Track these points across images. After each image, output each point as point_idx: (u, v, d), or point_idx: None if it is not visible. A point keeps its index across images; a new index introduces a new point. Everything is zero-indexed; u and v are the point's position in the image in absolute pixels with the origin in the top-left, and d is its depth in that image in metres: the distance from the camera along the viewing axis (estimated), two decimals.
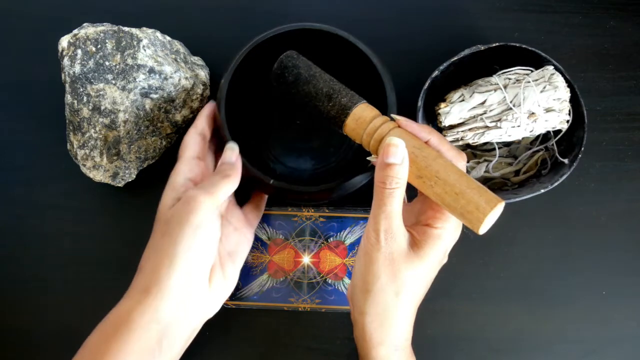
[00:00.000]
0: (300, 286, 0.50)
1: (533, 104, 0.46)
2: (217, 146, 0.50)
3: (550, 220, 0.52)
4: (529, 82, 0.46)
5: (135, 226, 0.53)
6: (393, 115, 0.41)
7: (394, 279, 0.39)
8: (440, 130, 0.50)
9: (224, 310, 0.51)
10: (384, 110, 0.44)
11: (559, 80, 0.47)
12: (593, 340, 0.51)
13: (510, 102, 0.46)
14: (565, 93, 0.47)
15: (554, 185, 0.47)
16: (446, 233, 0.40)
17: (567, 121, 0.48)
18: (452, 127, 0.49)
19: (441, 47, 0.54)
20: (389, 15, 0.55)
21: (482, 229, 0.36)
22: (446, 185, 0.37)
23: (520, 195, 0.47)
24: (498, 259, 0.52)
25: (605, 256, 0.52)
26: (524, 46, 0.48)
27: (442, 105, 0.48)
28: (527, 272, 0.52)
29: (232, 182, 0.43)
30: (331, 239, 0.50)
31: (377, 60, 0.45)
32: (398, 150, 0.38)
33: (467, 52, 0.48)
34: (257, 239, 0.50)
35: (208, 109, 0.48)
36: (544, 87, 0.46)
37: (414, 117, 0.49)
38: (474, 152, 0.52)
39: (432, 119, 0.51)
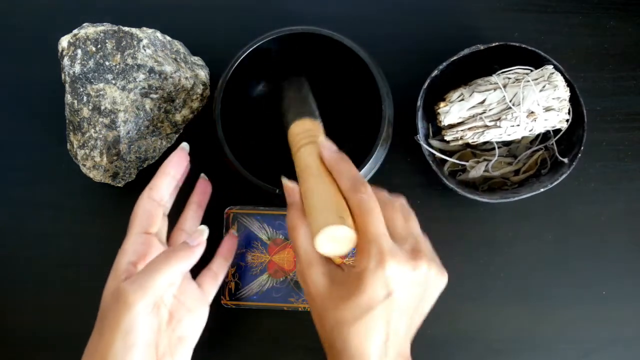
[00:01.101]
0: (300, 286, 0.50)
1: (532, 103, 0.46)
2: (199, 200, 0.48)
3: (550, 220, 0.52)
4: (528, 81, 0.46)
5: None
6: (320, 139, 0.41)
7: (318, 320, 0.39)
8: (440, 129, 0.50)
9: (224, 310, 0.51)
10: (378, 101, 0.45)
11: (559, 79, 0.47)
12: (593, 340, 0.51)
13: (510, 101, 0.46)
14: (564, 92, 0.47)
15: (553, 185, 0.47)
16: (362, 269, 0.36)
17: (567, 120, 0.48)
18: (451, 126, 0.49)
19: (441, 47, 0.53)
20: (389, 15, 0.55)
21: (318, 248, 0.36)
22: (306, 202, 0.38)
23: (519, 195, 0.47)
24: (498, 259, 0.52)
25: (605, 256, 0.52)
26: (523, 46, 0.48)
27: (442, 104, 0.48)
28: (527, 272, 0.52)
29: (179, 265, 0.39)
30: None
31: (365, 54, 0.45)
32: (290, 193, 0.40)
33: (466, 51, 0.48)
34: (257, 239, 0.50)
35: (170, 164, 0.43)
36: (544, 86, 0.46)
37: (413, 117, 0.49)
38: (474, 151, 0.52)
39: (432, 119, 0.51)
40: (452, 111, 0.47)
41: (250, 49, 0.45)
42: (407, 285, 0.37)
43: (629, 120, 0.53)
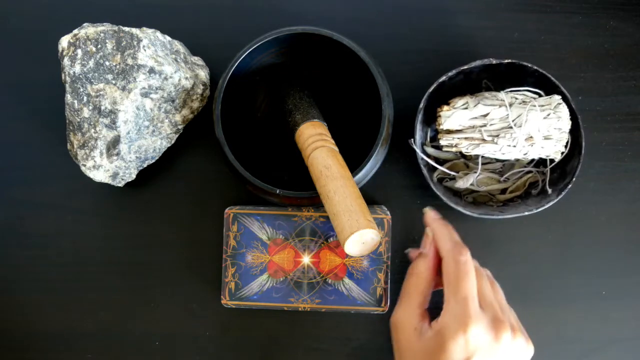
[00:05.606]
0: (300, 286, 0.50)
1: (534, 128, 0.46)
2: None
3: (549, 220, 0.52)
4: (534, 105, 0.46)
5: (135, 226, 0.53)
6: (425, 209, 0.46)
7: None
8: (437, 132, 0.50)
9: (224, 310, 0.51)
10: (378, 101, 0.45)
11: (564, 111, 0.46)
12: (593, 340, 0.51)
13: (512, 121, 0.46)
14: (566, 125, 0.47)
15: (538, 210, 0.47)
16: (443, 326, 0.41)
17: (562, 153, 0.48)
18: (449, 131, 0.48)
19: (441, 47, 0.54)
20: (388, 15, 0.55)
21: (347, 250, 0.38)
22: (330, 204, 0.39)
23: (503, 214, 0.48)
24: (497, 258, 0.52)
25: (605, 256, 0.52)
26: (535, 67, 0.47)
27: (445, 108, 0.48)
28: (527, 272, 0.52)
29: None
30: (331, 239, 0.50)
31: (365, 54, 0.45)
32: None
33: (478, 63, 0.47)
34: (257, 238, 0.50)
35: None
36: (548, 115, 0.46)
37: (413, 117, 0.49)
38: (467, 162, 0.51)
39: (431, 122, 0.51)
40: (454, 117, 0.47)
41: (250, 49, 0.45)
42: (486, 353, 0.40)
43: (629, 120, 0.53)
